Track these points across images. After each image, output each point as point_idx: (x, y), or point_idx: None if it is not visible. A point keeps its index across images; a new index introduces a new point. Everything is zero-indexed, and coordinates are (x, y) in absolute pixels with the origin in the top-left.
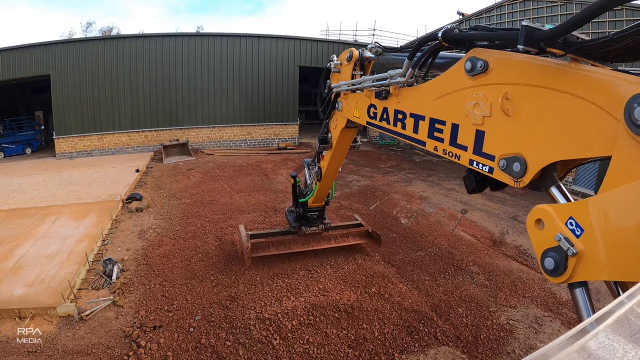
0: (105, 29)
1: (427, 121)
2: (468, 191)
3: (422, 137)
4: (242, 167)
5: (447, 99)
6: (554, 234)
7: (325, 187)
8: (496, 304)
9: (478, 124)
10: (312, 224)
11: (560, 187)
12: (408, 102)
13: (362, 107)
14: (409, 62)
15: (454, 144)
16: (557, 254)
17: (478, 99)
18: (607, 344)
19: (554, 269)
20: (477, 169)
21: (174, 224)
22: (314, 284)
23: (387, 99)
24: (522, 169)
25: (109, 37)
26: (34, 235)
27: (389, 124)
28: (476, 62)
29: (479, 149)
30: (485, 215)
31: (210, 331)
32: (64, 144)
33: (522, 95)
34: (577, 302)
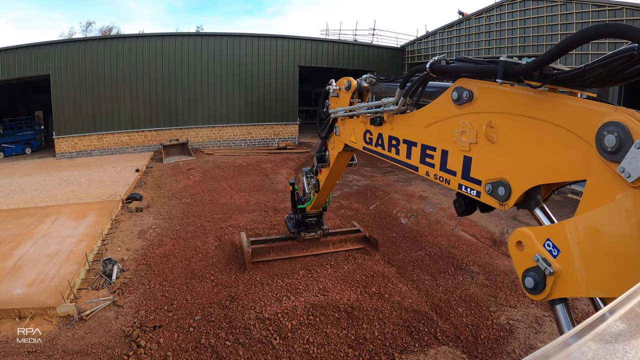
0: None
1: (419, 147)
2: (458, 214)
3: (415, 163)
4: (242, 167)
5: (437, 127)
6: (532, 254)
7: (323, 197)
8: (496, 303)
9: (465, 151)
10: (311, 230)
11: (543, 209)
12: (401, 128)
13: (359, 132)
14: (401, 91)
15: (444, 169)
16: (536, 273)
17: (465, 126)
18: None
19: (534, 287)
20: (465, 193)
21: (174, 223)
22: (313, 284)
23: (381, 125)
24: (507, 192)
25: (108, 37)
26: (34, 235)
27: (384, 150)
28: (462, 92)
29: (467, 174)
30: (485, 215)
31: (210, 331)
32: (63, 143)
33: (504, 123)
34: (558, 317)
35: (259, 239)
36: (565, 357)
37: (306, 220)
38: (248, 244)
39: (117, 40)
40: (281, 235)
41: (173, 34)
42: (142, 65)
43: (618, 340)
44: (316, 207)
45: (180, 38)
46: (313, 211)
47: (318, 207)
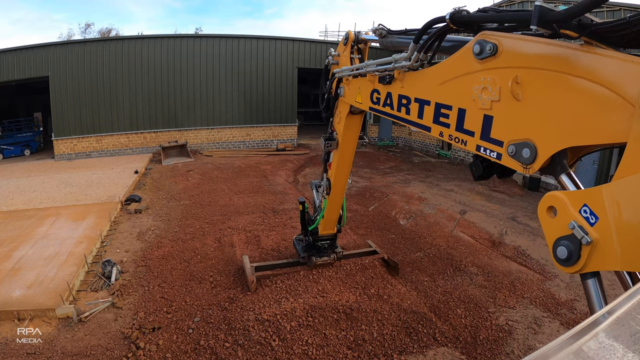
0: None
1: (433, 106)
2: (474, 178)
3: (427, 123)
4: (240, 169)
5: (454, 84)
6: (567, 221)
7: (336, 202)
8: (495, 304)
9: (486, 109)
10: (323, 254)
11: (570, 175)
12: (413, 86)
13: (365, 92)
14: (415, 46)
15: (460, 130)
16: (570, 242)
17: (486, 83)
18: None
19: (567, 258)
20: (484, 155)
21: (173, 225)
22: (313, 285)
23: (390, 83)
24: (532, 155)
25: (107, 38)
26: (33, 237)
27: (392, 110)
28: (485, 45)
29: (487, 135)
30: (484, 216)
31: (209, 332)
32: (62, 145)
33: (533, 80)
34: (589, 293)
35: (264, 264)
36: (565, 357)
37: (319, 243)
38: (252, 271)
39: (116, 41)
40: (289, 259)
41: (172, 36)
42: (141, 67)
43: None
44: (330, 222)
45: (179, 40)
46: (326, 232)
47: (332, 221)
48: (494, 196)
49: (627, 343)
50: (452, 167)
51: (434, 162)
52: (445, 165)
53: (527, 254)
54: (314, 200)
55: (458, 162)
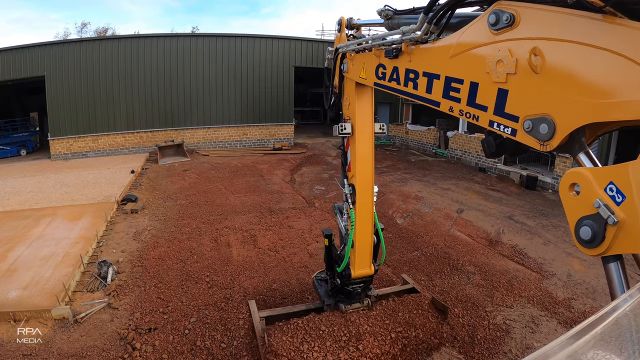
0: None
1: (442, 80)
2: (487, 155)
3: (436, 98)
4: (237, 168)
5: (466, 56)
6: (592, 200)
7: (366, 216)
8: (492, 303)
9: (501, 82)
10: (354, 299)
11: (589, 154)
12: (421, 60)
13: (370, 67)
14: (425, 17)
15: (472, 104)
16: (594, 222)
17: (502, 55)
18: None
19: (591, 239)
20: (497, 130)
21: (169, 225)
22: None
23: (397, 57)
24: (550, 131)
25: (104, 37)
26: (29, 237)
27: (399, 84)
28: (501, 15)
29: (501, 110)
30: (481, 215)
31: (206, 333)
32: (58, 145)
33: (553, 51)
34: (611, 277)
35: (276, 314)
36: (565, 357)
37: (351, 287)
38: (262, 325)
39: (112, 41)
40: (308, 305)
41: (168, 35)
42: (137, 66)
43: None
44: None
45: (175, 39)
46: (361, 274)
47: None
48: (491, 195)
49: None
50: (449, 166)
51: (431, 161)
52: (442, 164)
53: (525, 252)
54: (339, 228)
55: (455, 161)
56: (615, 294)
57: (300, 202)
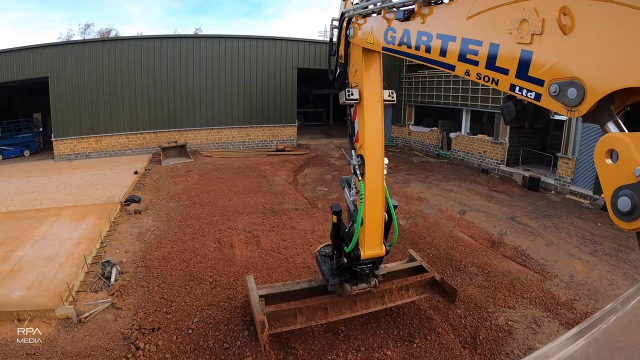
0: (103, 30)
1: (459, 42)
2: (506, 121)
3: (451, 61)
4: (240, 169)
5: (486, 16)
6: (632, 168)
7: (376, 189)
8: (495, 304)
9: (525, 43)
10: (360, 280)
11: (618, 123)
12: (435, 21)
13: (378, 31)
14: None
15: (491, 67)
16: (635, 192)
17: (527, 14)
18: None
19: (630, 211)
20: (519, 95)
21: (173, 226)
22: None
23: (409, 19)
24: (579, 96)
25: (107, 39)
26: (33, 238)
27: (409, 48)
28: None
29: (524, 73)
30: (483, 216)
31: (209, 333)
32: (62, 146)
33: (585, 11)
34: None
35: (275, 292)
36: (565, 357)
37: (358, 268)
38: (261, 306)
39: (115, 42)
40: (310, 282)
41: (171, 36)
42: (140, 68)
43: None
44: (373, 228)
45: (178, 40)
46: (371, 255)
47: (376, 228)
48: (493, 196)
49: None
50: (451, 167)
51: (433, 162)
52: (444, 165)
53: (527, 253)
54: (347, 206)
55: (458, 162)
56: None
57: (303, 203)
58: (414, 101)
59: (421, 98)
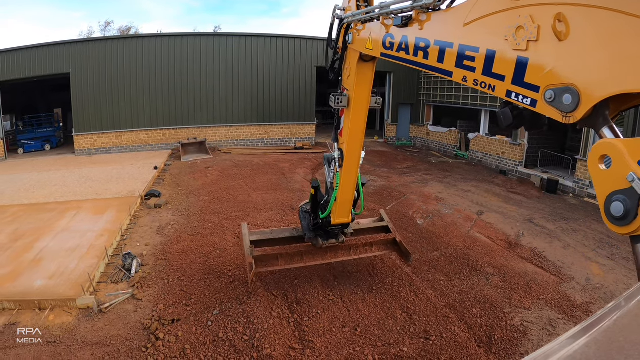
0: (123, 28)
1: (456, 48)
2: (503, 127)
3: (449, 67)
4: (259, 166)
5: (482, 23)
6: (624, 173)
7: (350, 178)
8: (510, 305)
9: (521, 50)
10: (331, 236)
11: (613, 129)
12: (433, 28)
13: (377, 37)
14: None
15: (487, 74)
16: (627, 197)
17: (523, 21)
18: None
19: (623, 216)
20: (515, 101)
21: (192, 220)
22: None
23: (407, 26)
24: (574, 102)
25: (128, 36)
26: (54, 229)
27: (407, 54)
28: None
29: (520, 79)
30: (501, 218)
31: (228, 325)
32: (82, 141)
33: (579, 18)
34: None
35: (263, 237)
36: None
37: (329, 229)
38: (250, 250)
39: (136, 39)
40: (292, 231)
41: (191, 34)
42: (161, 65)
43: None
44: (344, 204)
45: (198, 38)
46: (340, 221)
47: (346, 204)
48: (511, 198)
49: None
50: (469, 168)
51: (451, 163)
52: (462, 165)
53: (544, 256)
54: (325, 179)
55: (476, 163)
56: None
57: None
58: (433, 101)
59: (440, 98)
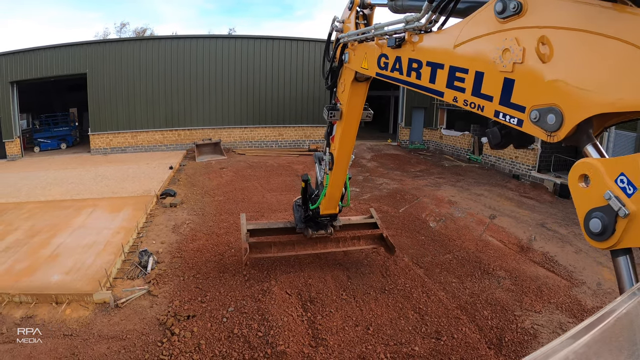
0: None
1: (447, 70)
2: (491, 146)
3: (440, 88)
4: (273, 167)
5: (471, 45)
6: (602, 191)
7: (338, 178)
8: (521, 308)
9: (507, 72)
10: (320, 227)
11: (597, 146)
12: (425, 49)
13: (372, 57)
14: (429, 5)
15: (477, 94)
16: (605, 214)
17: (509, 43)
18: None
19: (601, 232)
20: (503, 121)
21: (207, 220)
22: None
23: (400, 47)
24: (558, 121)
25: (144, 37)
26: (71, 226)
27: (401, 74)
28: (508, 3)
29: (507, 100)
30: (513, 222)
31: (243, 322)
32: (98, 140)
33: (561, 40)
34: (620, 272)
35: (259, 227)
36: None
37: (318, 219)
38: (246, 237)
39: (152, 41)
40: (285, 223)
41: (206, 36)
42: (176, 66)
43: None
44: (332, 199)
45: (214, 40)
46: (328, 212)
47: (334, 199)
48: (524, 202)
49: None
50: (482, 172)
51: (464, 167)
52: (475, 169)
53: (555, 260)
54: (316, 175)
55: (489, 167)
56: (624, 288)
57: None
58: (446, 105)
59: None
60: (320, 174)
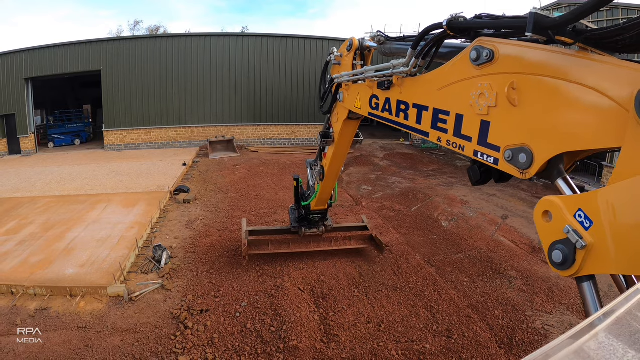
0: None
1: (431, 112)
2: (472, 183)
3: (425, 128)
4: (286, 165)
5: (452, 89)
6: (562, 226)
7: (328, 187)
8: (532, 308)
9: (483, 114)
10: (313, 226)
11: (566, 180)
12: (411, 92)
13: (364, 97)
14: (413, 52)
15: (458, 135)
16: (565, 246)
17: (483, 88)
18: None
19: (562, 262)
20: (481, 160)
21: (221, 216)
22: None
23: (389, 89)
24: (529, 160)
25: (158, 35)
26: (85, 221)
27: (391, 115)
28: (482, 52)
29: (484, 140)
30: (525, 222)
31: (256, 317)
32: (112, 136)
33: (529, 85)
34: (585, 296)
35: (258, 229)
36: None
37: (310, 216)
38: (246, 235)
39: (165, 39)
40: (282, 226)
41: (220, 34)
42: (190, 64)
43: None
44: (322, 201)
45: (227, 38)
46: (318, 208)
47: (324, 200)
48: (536, 203)
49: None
50: None
51: None
52: None
53: None
54: (307, 178)
55: None
56: (590, 312)
57: (348, 201)
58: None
59: None
60: (311, 179)
